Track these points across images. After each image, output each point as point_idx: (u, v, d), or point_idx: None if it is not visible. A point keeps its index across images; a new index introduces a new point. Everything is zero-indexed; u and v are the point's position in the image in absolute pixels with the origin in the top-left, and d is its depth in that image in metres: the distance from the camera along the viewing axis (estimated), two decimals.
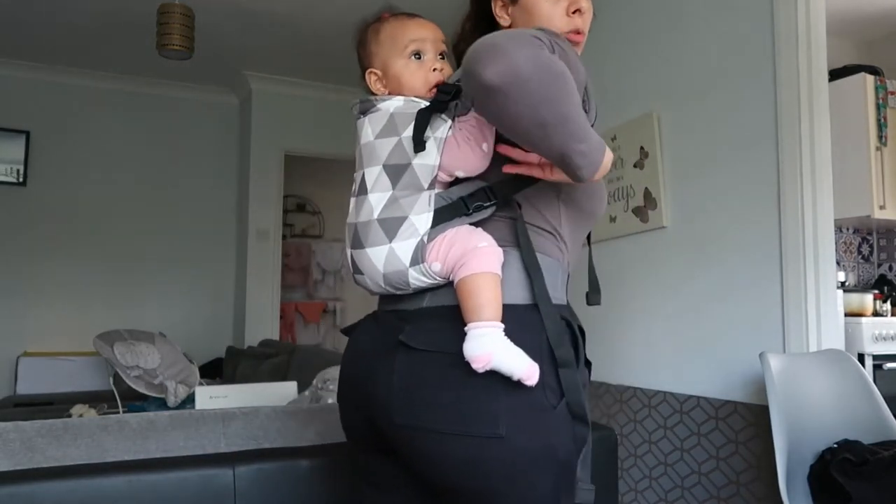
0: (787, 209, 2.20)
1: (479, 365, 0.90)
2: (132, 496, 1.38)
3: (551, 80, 0.83)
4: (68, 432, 1.44)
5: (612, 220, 2.93)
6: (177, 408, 2.89)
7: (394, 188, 0.99)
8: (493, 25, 1.15)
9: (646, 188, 2.75)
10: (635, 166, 2.81)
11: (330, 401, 2.00)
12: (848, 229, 3.72)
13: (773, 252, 2.25)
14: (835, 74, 3.17)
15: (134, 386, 2.85)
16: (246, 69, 4.72)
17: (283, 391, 2.37)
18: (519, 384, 0.92)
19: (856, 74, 3.25)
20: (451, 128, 0.98)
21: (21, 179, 4.55)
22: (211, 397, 2.26)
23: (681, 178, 2.64)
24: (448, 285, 0.99)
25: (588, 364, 1.10)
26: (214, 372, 4.44)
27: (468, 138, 0.97)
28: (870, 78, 3.23)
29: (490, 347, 0.91)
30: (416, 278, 0.98)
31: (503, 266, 0.98)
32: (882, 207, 3.18)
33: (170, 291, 4.91)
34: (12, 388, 4.37)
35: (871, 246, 3.82)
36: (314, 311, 6.28)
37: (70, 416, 2.82)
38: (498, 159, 1.01)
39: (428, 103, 1.01)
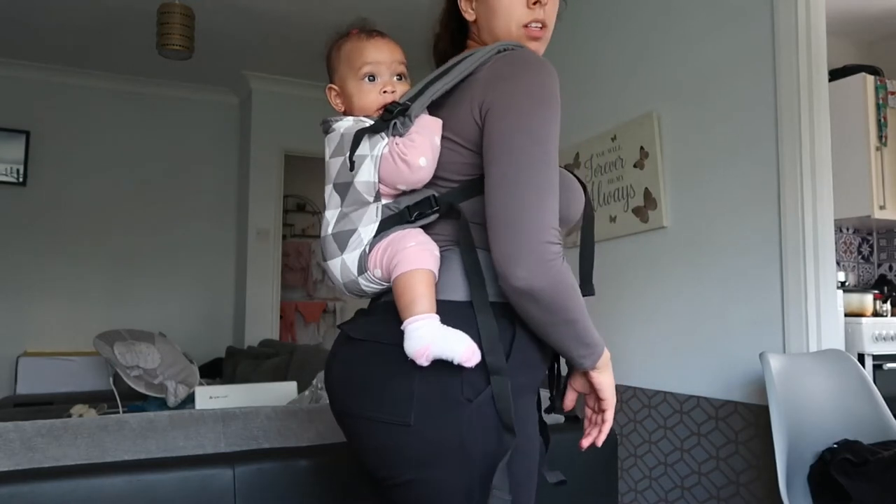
0: (787, 209, 2.20)
1: (422, 359, 0.92)
2: (132, 496, 1.38)
3: (565, 297, 0.95)
4: (68, 432, 1.44)
5: (612, 220, 2.93)
6: (177, 408, 2.89)
7: (342, 205, 1.03)
8: (461, 20, 1.16)
9: (646, 188, 2.75)
10: (635, 166, 2.81)
11: None
12: (848, 229, 3.72)
13: (773, 252, 2.25)
14: (835, 74, 3.17)
15: (134, 386, 2.85)
16: (246, 69, 4.72)
17: (283, 391, 2.37)
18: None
19: (856, 74, 3.24)
20: (386, 145, 1.00)
21: (21, 179, 4.55)
22: (211, 397, 2.27)
23: (681, 178, 2.64)
24: None
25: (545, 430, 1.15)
26: (214, 372, 4.44)
27: (403, 154, 0.99)
28: (870, 78, 3.23)
29: (427, 339, 0.92)
30: (367, 285, 1.03)
31: (447, 264, 1.01)
32: (882, 207, 3.18)
33: (170, 291, 4.91)
34: (12, 388, 4.37)
35: (871, 246, 3.82)
36: (314, 311, 6.28)
37: (70, 416, 2.82)
38: (447, 175, 1.02)
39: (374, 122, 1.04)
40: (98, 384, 4.30)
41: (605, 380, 1.07)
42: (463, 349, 0.92)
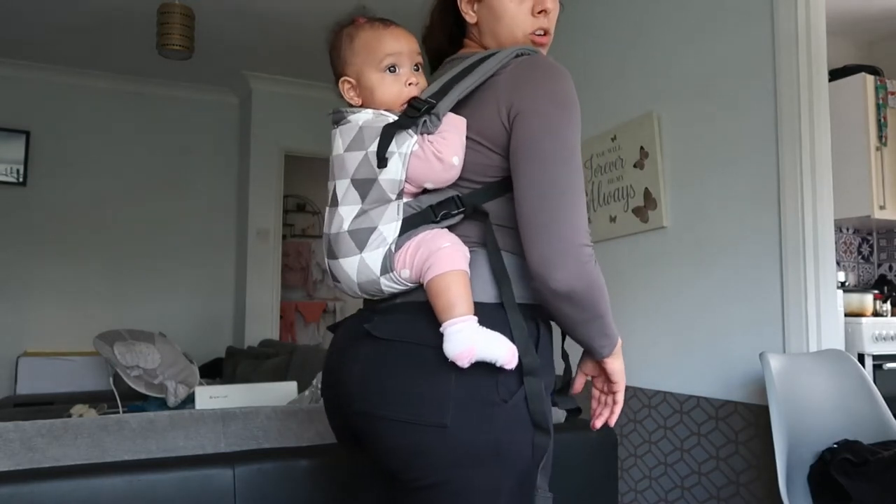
0: (787, 209, 2.19)
1: (464, 361, 0.91)
2: (132, 496, 1.38)
3: (598, 294, 0.99)
4: (68, 432, 1.44)
5: (612, 220, 2.93)
6: (177, 408, 2.89)
7: (362, 202, 1.00)
8: (459, 19, 1.16)
9: (646, 188, 2.75)
10: (635, 166, 2.81)
11: None
12: (848, 229, 3.72)
13: (773, 252, 2.25)
14: (835, 74, 3.17)
15: (134, 386, 2.85)
16: (246, 69, 4.72)
17: (283, 391, 2.37)
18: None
19: (856, 74, 3.25)
20: (416, 143, 0.98)
21: (21, 179, 4.55)
22: (211, 397, 2.26)
23: (681, 178, 2.64)
24: (421, 286, 1.00)
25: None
26: (214, 372, 4.44)
27: (438, 152, 0.97)
28: (870, 78, 3.23)
29: (469, 341, 0.92)
30: (388, 286, 1.00)
31: (472, 265, 0.99)
32: (882, 207, 3.18)
33: (170, 291, 4.91)
34: (12, 388, 4.37)
35: (871, 246, 3.82)
36: (314, 311, 6.28)
37: (70, 416, 2.82)
38: (470, 176, 1.02)
39: (396, 117, 1.02)
40: (98, 384, 4.30)
41: (618, 365, 1.13)
42: (505, 351, 0.93)
